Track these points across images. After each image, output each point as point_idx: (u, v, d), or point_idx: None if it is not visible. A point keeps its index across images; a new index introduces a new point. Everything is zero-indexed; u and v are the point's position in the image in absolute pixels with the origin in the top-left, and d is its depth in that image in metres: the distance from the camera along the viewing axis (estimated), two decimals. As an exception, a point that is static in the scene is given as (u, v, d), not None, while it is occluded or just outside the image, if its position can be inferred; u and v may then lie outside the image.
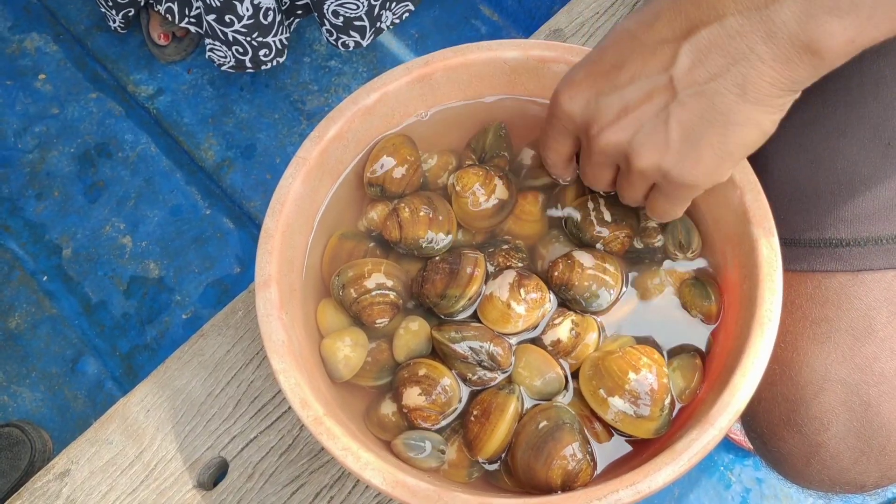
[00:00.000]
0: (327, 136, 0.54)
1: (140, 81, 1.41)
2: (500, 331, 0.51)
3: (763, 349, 0.45)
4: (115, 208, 1.32)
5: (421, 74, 0.55)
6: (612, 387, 0.48)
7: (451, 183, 0.56)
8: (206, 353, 0.60)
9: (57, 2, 1.49)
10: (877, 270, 0.49)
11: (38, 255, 1.30)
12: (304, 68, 1.40)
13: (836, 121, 0.51)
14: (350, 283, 0.52)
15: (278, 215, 0.51)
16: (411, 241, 0.54)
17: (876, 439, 0.48)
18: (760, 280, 0.47)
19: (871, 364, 0.49)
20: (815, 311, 0.51)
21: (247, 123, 1.36)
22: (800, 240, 0.51)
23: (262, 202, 1.30)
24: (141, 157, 1.36)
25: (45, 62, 1.45)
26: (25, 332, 1.24)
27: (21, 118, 1.41)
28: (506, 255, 0.54)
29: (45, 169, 1.36)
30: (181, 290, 1.26)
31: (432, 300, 0.52)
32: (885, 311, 0.49)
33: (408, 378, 0.50)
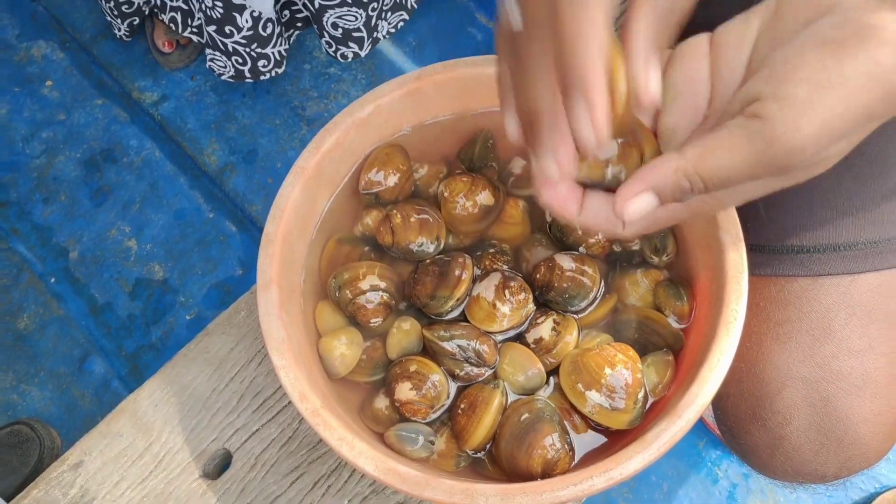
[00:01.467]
0: (324, 147, 0.57)
1: (144, 88, 1.44)
2: (486, 329, 0.54)
3: (728, 346, 0.48)
4: (120, 212, 1.36)
5: (412, 89, 0.58)
6: (589, 381, 0.51)
7: (441, 190, 0.60)
8: (211, 351, 0.64)
9: (63, 10, 1.53)
10: (835, 275, 0.53)
11: (45, 258, 1.33)
12: (305, 75, 1.43)
13: None
14: (346, 285, 0.56)
15: (278, 221, 0.54)
16: (403, 246, 0.57)
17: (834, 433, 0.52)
18: (727, 282, 0.50)
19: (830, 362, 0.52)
20: (778, 313, 0.54)
21: (248, 129, 1.40)
22: (764, 246, 0.55)
23: (263, 206, 1.34)
24: (146, 162, 1.40)
25: (52, 69, 1.49)
26: (34, 332, 1.27)
27: (28, 124, 1.44)
28: (492, 258, 0.58)
29: (52, 174, 1.40)
30: (185, 291, 1.30)
31: (423, 301, 0.56)
32: (843, 313, 0.52)
33: (400, 374, 0.54)
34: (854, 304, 0.53)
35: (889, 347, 0.53)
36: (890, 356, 0.53)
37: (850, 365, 0.52)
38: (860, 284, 0.53)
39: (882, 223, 0.53)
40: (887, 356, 0.53)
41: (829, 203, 0.53)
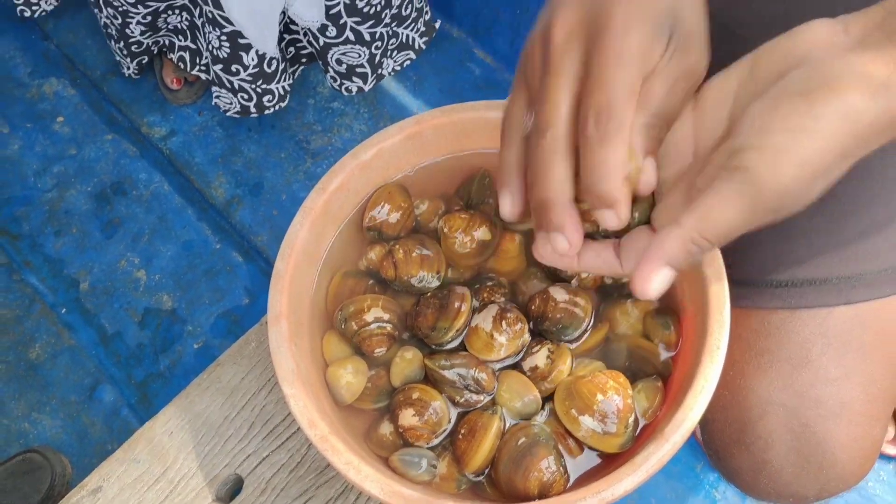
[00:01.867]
0: (331, 188, 0.61)
1: (153, 123, 1.49)
2: (484, 358, 0.58)
3: (712, 373, 0.51)
4: (130, 244, 1.40)
5: (412, 132, 0.62)
6: (582, 407, 0.54)
7: (441, 226, 0.63)
8: (222, 381, 0.67)
9: (74, 49, 1.58)
10: (811, 308, 0.56)
11: (57, 289, 1.37)
12: (309, 110, 1.48)
13: None
14: (351, 317, 0.59)
15: (288, 258, 0.58)
16: (405, 280, 0.60)
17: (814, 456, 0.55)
18: (710, 313, 0.53)
19: (808, 390, 0.55)
20: (759, 343, 0.57)
21: (254, 163, 1.44)
22: (746, 280, 0.58)
23: (269, 237, 1.37)
24: (154, 195, 1.43)
25: (64, 106, 1.54)
26: (46, 362, 1.31)
27: (40, 159, 1.48)
28: (490, 290, 0.61)
29: (63, 207, 1.44)
30: (193, 321, 1.33)
31: (424, 332, 0.59)
32: (820, 344, 0.56)
33: (403, 401, 0.57)
34: (830, 335, 0.56)
35: (863, 376, 0.56)
36: (864, 385, 0.56)
37: (828, 392, 0.55)
38: (835, 317, 0.56)
39: (855, 260, 0.56)
40: (862, 385, 0.56)
41: (806, 241, 0.57)
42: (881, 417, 0.57)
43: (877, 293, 0.56)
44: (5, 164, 1.48)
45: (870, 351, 0.56)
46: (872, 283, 0.56)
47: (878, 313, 0.56)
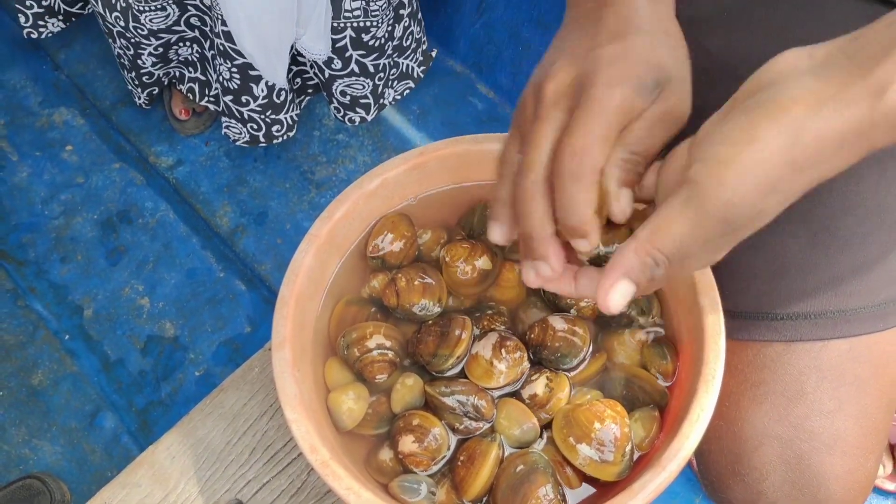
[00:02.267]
0: (336, 216, 0.62)
1: (161, 153, 1.51)
2: (484, 386, 0.58)
3: (708, 403, 0.52)
4: (134, 271, 1.41)
5: (416, 163, 0.63)
6: (580, 435, 0.55)
7: (443, 255, 0.64)
8: (225, 406, 0.67)
9: (85, 79, 1.60)
10: (806, 341, 0.57)
11: (61, 316, 1.38)
12: (314, 141, 1.50)
13: None
14: (354, 344, 0.60)
15: (292, 285, 0.59)
16: (407, 308, 0.61)
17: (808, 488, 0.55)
18: (706, 343, 0.54)
19: (803, 422, 0.56)
20: (754, 375, 0.58)
21: (260, 192, 1.46)
22: (742, 312, 0.59)
23: (272, 265, 1.38)
24: (160, 224, 1.45)
25: (73, 134, 1.56)
26: (48, 388, 1.31)
27: (48, 187, 1.50)
28: (490, 319, 0.62)
29: (69, 234, 1.45)
30: (195, 348, 1.34)
31: (425, 359, 0.60)
32: (814, 377, 0.56)
33: (403, 427, 0.57)
34: (824, 368, 0.57)
35: (857, 409, 0.56)
36: (858, 417, 0.56)
37: (822, 425, 0.56)
38: (830, 350, 0.57)
39: (849, 294, 0.57)
40: (856, 417, 0.56)
41: (801, 275, 0.58)
42: (875, 450, 0.57)
43: (871, 327, 0.57)
44: (14, 192, 1.50)
45: (864, 384, 0.57)
46: (866, 318, 0.57)
47: (872, 347, 0.57)
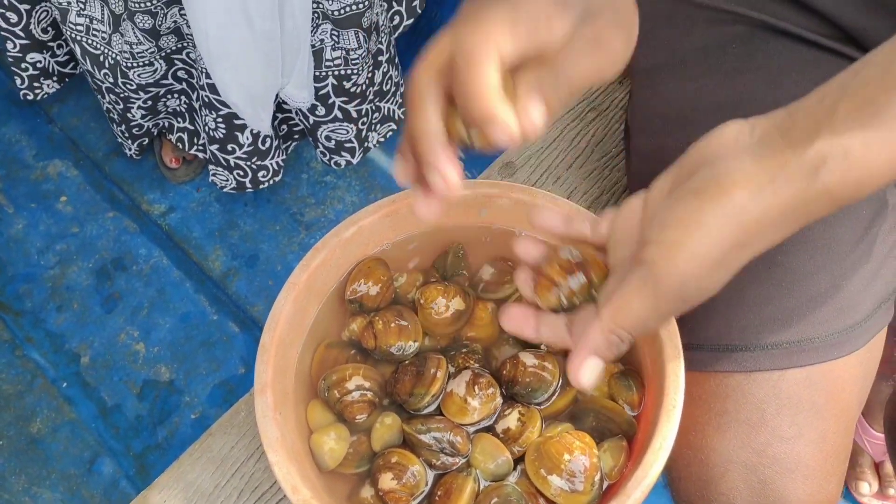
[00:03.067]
0: (313, 264, 0.65)
1: (153, 200, 1.54)
2: (459, 422, 0.61)
3: (669, 432, 0.55)
4: (129, 317, 1.44)
5: (389, 210, 0.66)
6: (551, 467, 0.57)
7: (417, 297, 0.67)
8: (213, 450, 0.70)
9: (78, 132, 1.65)
10: (765, 371, 0.60)
11: (58, 364, 1.40)
12: (303, 184, 1.53)
13: None
14: (334, 386, 0.62)
15: (273, 332, 0.62)
16: (385, 349, 0.64)
17: None
18: (666, 374, 0.57)
19: (765, 449, 0.58)
20: (717, 405, 0.61)
21: (250, 235, 1.49)
22: (703, 345, 0.62)
23: (265, 306, 1.41)
24: (154, 270, 1.48)
25: (67, 186, 1.60)
26: (46, 436, 1.33)
27: (44, 237, 1.54)
28: (464, 357, 0.65)
29: (65, 283, 1.48)
30: (190, 391, 1.36)
31: (402, 398, 0.62)
32: (774, 405, 0.59)
33: (383, 465, 0.60)
34: (783, 396, 0.59)
35: (816, 434, 0.59)
36: (818, 442, 0.59)
37: (783, 451, 0.58)
38: (787, 379, 0.60)
39: (804, 325, 0.60)
40: (815, 442, 0.59)
41: (757, 308, 0.61)
42: (835, 472, 0.60)
43: (825, 356, 0.60)
44: (10, 243, 1.53)
45: (821, 410, 0.59)
46: (821, 347, 0.60)
47: (826, 375, 0.60)
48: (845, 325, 0.60)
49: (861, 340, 0.61)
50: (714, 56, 0.67)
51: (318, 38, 1.21)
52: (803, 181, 0.38)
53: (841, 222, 0.61)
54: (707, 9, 0.68)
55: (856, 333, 0.61)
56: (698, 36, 0.68)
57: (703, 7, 0.68)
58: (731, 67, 0.66)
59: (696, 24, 0.69)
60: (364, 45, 1.24)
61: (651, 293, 0.41)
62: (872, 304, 0.62)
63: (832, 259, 0.60)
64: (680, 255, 0.40)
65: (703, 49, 0.68)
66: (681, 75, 0.69)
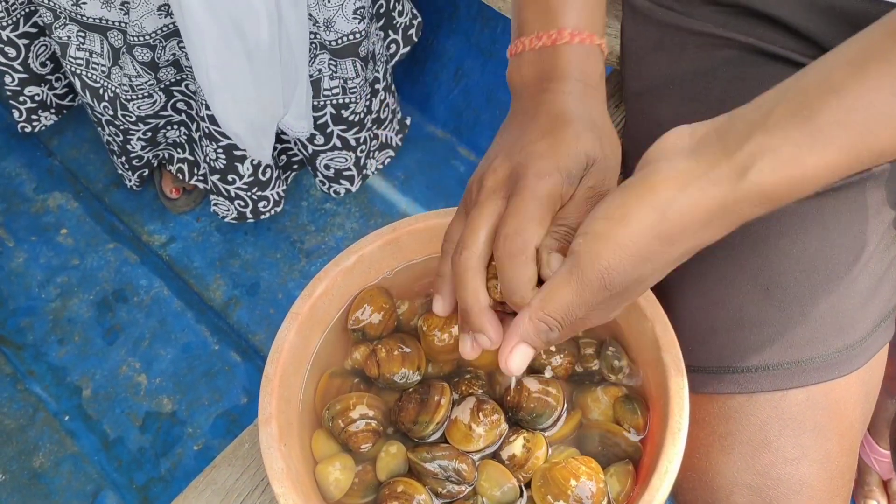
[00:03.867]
0: (315, 294, 0.65)
1: (154, 231, 1.55)
2: (464, 449, 0.61)
3: (675, 455, 0.55)
4: (131, 349, 1.43)
5: (390, 239, 0.67)
6: (557, 493, 0.57)
7: (420, 324, 0.67)
8: (218, 482, 0.70)
9: (77, 164, 1.66)
10: (767, 392, 0.60)
11: (60, 397, 1.40)
12: (303, 211, 1.54)
13: (723, 272, 0.62)
14: (338, 415, 0.62)
15: (276, 362, 0.62)
16: (388, 377, 0.64)
17: None
18: (671, 397, 0.57)
19: (770, 470, 0.58)
20: (720, 427, 0.61)
21: (251, 264, 1.49)
22: (705, 367, 0.62)
23: (266, 335, 1.41)
24: (155, 300, 1.48)
25: (67, 218, 1.60)
26: (49, 470, 1.32)
27: (44, 270, 1.54)
28: (468, 383, 0.65)
29: (66, 316, 1.48)
30: (192, 422, 1.36)
31: (407, 426, 0.62)
32: (777, 426, 0.59)
33: (388, 495, 0.59)
34: (786, 417, 0.59)
35: (820, 455, 0.59)
36: (822, 462, 0.59)
37: (787, 472, 0.58)
38: (789, 399, 0.60)
39: (804, 346, 0.60)
40: (820, 462, 0.59)
41: (757, 329, 0.61)
42: (840, 492, 0.60)
43: (826, 376, 0.60)
44: (11, 277, 1.54)
45: (824, 430, 0.59)
46: (821, 367, 0.60)
47: (828, 395, 0.60)
48: (845, 344, 0.61)
49: (862, 359, 0.61)
50: (705, 80, 0.68)
51: (316, 68, 1.22)
52: (731, 180, 0.40)
53: (837, 241, 0.62)
54: (697, 34, 0.69)
55: (856, 352, 0.61)
56: (688, 61, 0.69)
57: (692, 33, 0.69)
58: (721, 91, 0.67)
59: (686, 48, 0.70)
60: (361, 73, 1.25)
61: (576, 281, 0.43)
62: (872, 322, 0.62)
63: (829, 278, 0.61)
64: (603, 246, 0.42)
65: (694, 73, 0.69)
66: (672, 99, 0.69)
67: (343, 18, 1.19)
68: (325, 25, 1.20)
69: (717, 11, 0.68)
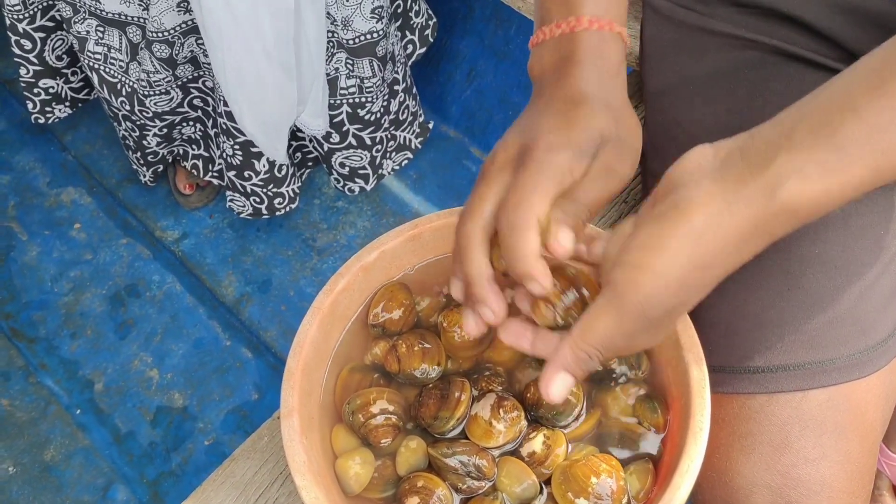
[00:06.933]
0: (337, 289, 0.65)
1: (166, 227, 1.55)
2: (484, 445, 0.61)
3: (696, 454, 0.55)
4: (143, 344, 1.44)
5: (411, 235, 0.67)
6: (578, 490, 0.57)
7: (440, 321, 0.68)
8: (236, 475, 0.70)
9: (91, 159, 1.66)
10: (787, 392, 0.60)
11: (72, 391, 1.40)
12: (315, 209, 1.54)
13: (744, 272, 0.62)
14: (358, 410, 0.63)
15: (298, 356, 0.62)
16: (408, 373, 0.64)
17: None
18: (692, 397, 0.57)
19: (790, 471, 0.58)
20: (741, 427, 0.61)
21: (263, 261, 1.50)
22: (725, 367, 0.62)
23: (277, 332, 1.42)
24: (167, 296, 1.49)
25: (80, 213, 1.61)
26: (60, 463, 1.33)
27: (57, 264, 1.55)
28: (487, 380, 0.65)
29: (79, 310, 1.49)
30: (203, 417, 1.36)
31: (427, 421, 0.62)
32: (797, 426, 0.59)
33: (408, 489, 0.60)
34: (806, 418, 0.60)
35: (841, 455, 0.59)
36: (843, 463, 0.59)
37: (808, 473, 0.58)
38: (810, 400, 0.60)
39: (825, 346, 0.60)
40: (840, 463, 0.59)
41: (778, 330, 0.61)
42: (861, 493, 0.60)
43: (847, 376, 0.60)
44: (24, 270, 1.54)
45: (845, 431, 0.59)
46: (842, 368, 0.60)
47: (849, 395, 0.60)
48: (867, 345, 0.61)
49: (883, 360, 0.61)
50: (726, 81, 0.68)
51: (333, 67, 1.23)
52: (761, 201, 0.40)
53: (857, 241, 0.62)
54: (718, 35, 0.69)
55: (877, 353, 0.61)
56: (710, 61, 0.69)
57: (714, 34, 0.69)
58: (744, 92, 0.67)
59: (708, 50, 0.70)
60: (379, 73, 1.26)
61: (615, 312, 0.44)
62: (894, 323, 0.62)
63: (850, 279, 0.61)
64: (642, 277, 0.42)
65: (715, 74, 0.69)
66: (693, 100, 0.70)
67: (361, 17, 1.20)
68: (343, 24, 1.20)
69: (739, 12, 0.69)
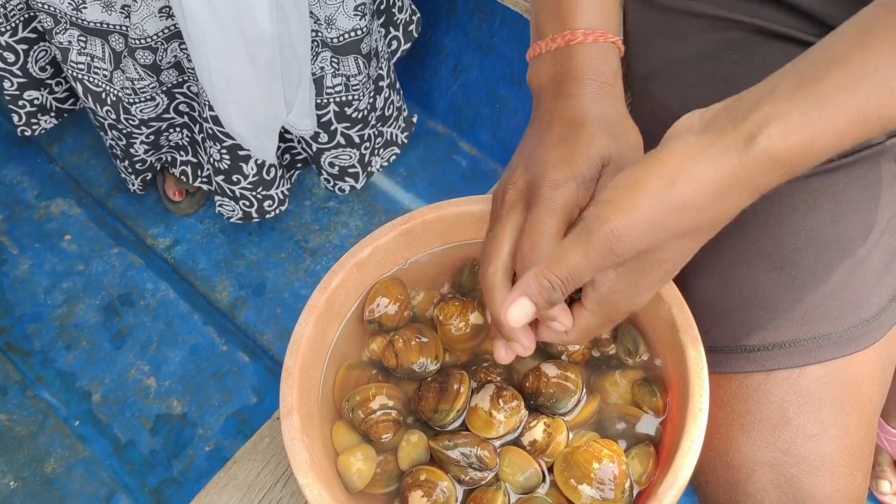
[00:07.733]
0: (332, 286, 0.65)
1: (158, 234, 1.55)
2: (485, 436, 0.61)
3: (697, 435, 0.55)
4: (139, 352, 1.44)
5: (404, 230, 0.67)
6: (580, 476, 0.57)
7: (436, 314, 0.68)
8: (239, 477, 0.70)
9: (79, 169, 1.66)
10: (784, 369, 0.60)
11: (69, 402, 1.40)
12: (306, 210, 1.54)
13: (737, 251, 0.63)
14: (358, 406, 0.63)
15: (296, 355, 0.62)
16: (406, 367, 0.64)
17: None
18: (690, 378, 0.57)
19: (790, 447, 0.59)
20: (739, 406, 0.61)
21: (256, 264, 1.50)
22: (720, 347, 0.62)
23: (273, 335, 1.41)
24: (161, 304, 1.48)
25: (70, 224, 1.60)
26: (61, 475, 1.33)
27: (49, 276, 1.54)
28: (486, 371, 0.65)
29: (73, 321, 1.48)
30: (203, 423, 1.36)
31: (427, 415, 0.62)
32: (796, 403, 0.59)
33: (411, 483, 0.60)
34: (804, 394, 0.60)
35: (840, 430, 0.59)
36: (842, 438, 0.59)
37: (808, 448, 0.59)
38: (807, 376, 0.60)
39: (820, 322, 0.61)
40: (839, 438, 0.59)
41: (772, 307, 0.61)
42: (861, 467, 0.60)
43: (842, 351, 0.60)
44: (16, 284, 1.54)
45: (843, 406, 0.60)
46: (838, 343, 0.60)
47: (846, 370, 0.60)
48: (861, 319, 0.61)
49: (878, 333, 0.62)
50: (710, 62, 0.68)
51: (319, 66, 1.22)
52: (739, 148, 0.41)
53: (849, 216, 0.62)
54: (700, 17, 0.69)
55: (872, 327, 0.61)
56: (693, 44, 0.70)
57: (696, 15, 0.70)
58: (727, 73, 0.67)
59: (690, 32, 0.70)
60: (364, 70, 1.25)
61: (582, 244, 0.45)
62: (887, 296, 0.62)
63: (843, 254, 0.61)
64: (610, 212, 0.44)
65: (699, 56, 0.69)
66: (677, 83, 0.70)
67: (344, 15, 1.20)
68: (327, 23, 1.20)
69: None
